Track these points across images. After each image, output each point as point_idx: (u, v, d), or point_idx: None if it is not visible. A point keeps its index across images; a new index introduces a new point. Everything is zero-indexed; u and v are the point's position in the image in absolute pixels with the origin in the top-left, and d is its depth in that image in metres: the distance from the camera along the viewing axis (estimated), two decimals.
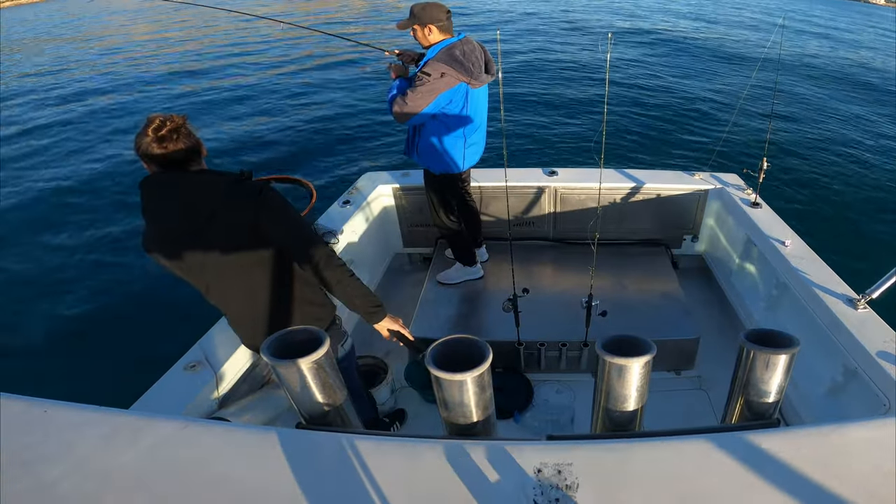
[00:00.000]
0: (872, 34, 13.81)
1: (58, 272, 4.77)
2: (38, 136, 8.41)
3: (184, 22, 20.28)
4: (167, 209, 1.43)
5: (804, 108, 8.26)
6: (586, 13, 16.86)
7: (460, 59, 2.24)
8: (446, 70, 2.21)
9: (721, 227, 3.10)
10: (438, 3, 2.28)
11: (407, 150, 2.64)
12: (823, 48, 11.54)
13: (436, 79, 2.21)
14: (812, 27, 13.57)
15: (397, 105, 2.27)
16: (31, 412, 0.94)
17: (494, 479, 0.80)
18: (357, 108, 8.96)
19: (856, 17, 16.97)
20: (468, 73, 2.26)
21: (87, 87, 11.36)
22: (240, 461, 0.85)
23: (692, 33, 13.43)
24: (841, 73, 9.94)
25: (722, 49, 11.94)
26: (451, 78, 2.23)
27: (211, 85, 10.83)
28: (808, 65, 10.38)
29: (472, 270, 2.94)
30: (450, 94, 2.27)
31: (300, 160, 6.92)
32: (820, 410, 2.06)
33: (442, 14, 2.27)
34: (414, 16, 2.28)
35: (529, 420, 2.34)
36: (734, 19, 15.41)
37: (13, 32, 22.35)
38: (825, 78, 9.65)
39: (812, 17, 15.91)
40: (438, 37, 2.30)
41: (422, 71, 2.24)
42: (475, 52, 2.32)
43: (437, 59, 2.24)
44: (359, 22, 18.78)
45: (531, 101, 8.88)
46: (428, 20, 2.25)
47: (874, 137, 7.32)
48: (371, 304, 1.67)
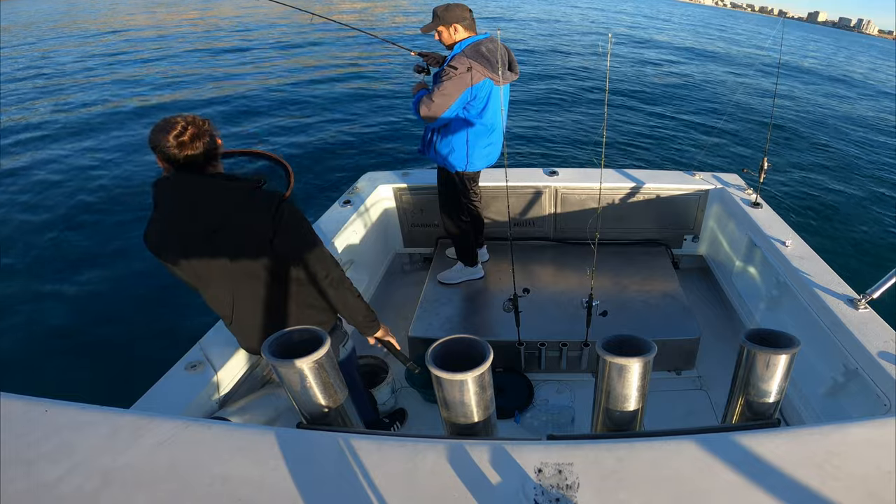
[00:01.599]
0: (869, 60, 13.83)
1: (58, 271, 4.77)
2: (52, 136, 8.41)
3: (182, 18, 20.28)
4: (180, 212, 1.42)
5: (804, 109, 8.26)
6: (587, 13, 16.86)
7: (487, 55, 2.26)
8: (473, 65, 2.22)
9: (721, 227, 3.10)
10: (460, 2, 2.30)
11: (423, 149, 2.63)
12: (823, 52, 11.55)
13: (462, 73, 2.22)
14: (808, 47, 13.58)
15: (424, 106, 2.27)
16: (31, 412, 0.94)
17: (495, 479, 0.80)
18: (350, 109, 8.96)
19: (853, 46, 16.96)
20: (493, 69, 2.26)
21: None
22: (240, 461, 0.85)
23: (693, 35, 13.43)
24: (841, 73, 9.94)
25: (722, 50, 11.95)
26: (477, 73, 2.24)
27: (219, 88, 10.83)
28: (808, 65, 10.37)
29: (473, 271, 2.94)
30: (475, 89, 2.27)
31: (292, 164, 6.92)
32: (820, 410, 2.06)
33: (466, 12, 2.30)
34: (438, 17, 2.30)
35: (530, 420, 2.34)
36: (733, 32, 15.42)
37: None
38: (825, 77, 9.64)
39: (808, 44, 15.91)
40: (463, 34, 2.32)
41: (449, 65, 2.25)
42: (500, 49, 2.33)
43: (464, 53, 2.25)
44: (379, 19, 18.77)
45: (531, 101, 8.88)
46: (452, 20, 2.28)
47: (874, 138, 7.31)
48: (369, 320, 1.74)
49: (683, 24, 16.11)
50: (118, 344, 3.74)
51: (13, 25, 22.09)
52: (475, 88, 2.27)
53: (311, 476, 0.82)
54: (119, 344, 3.74)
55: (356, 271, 2.90)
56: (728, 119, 7.68)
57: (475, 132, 2.44)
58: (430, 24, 2.34)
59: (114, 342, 3.78)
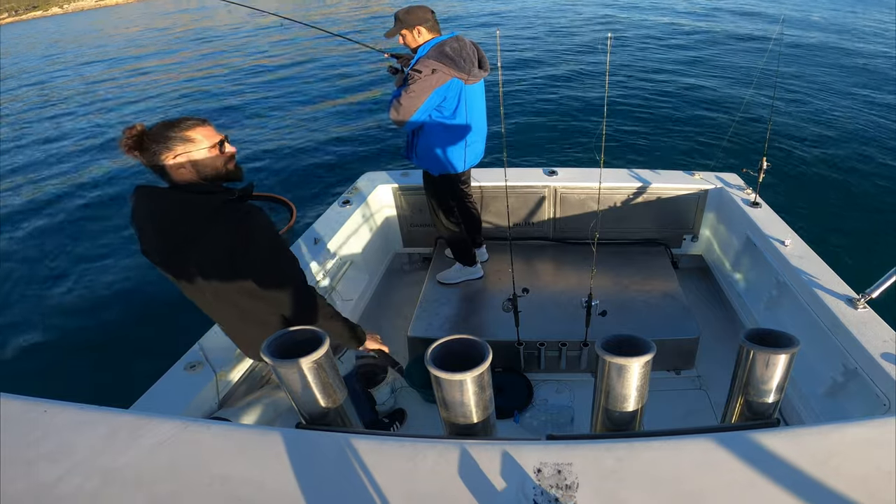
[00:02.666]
0: (876, 24, 13.76)
1: (58, 271, 4.77)
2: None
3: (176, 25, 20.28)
4: (148, 226, 1.37)
5: (805, 108, 8.26)
6: (586, 13, 16.86)
7: (451, 54, 2.24)
8: (437, 66, 2.21)
9: (721, 227, 3.10)
10: (422, 4, 2.29)
11: (406, 153, 2.64)
12: (825, 47, 11.56)
13: (427, 75, 2.20)
14: (813, 25, 13.57)
15: (393, 110, 2.28)
16: (31, 412, 0.94)
17: (494, 479, 0.80)
18: (351, 109, 8.96)
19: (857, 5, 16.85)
20: (459, 68, 2.25)
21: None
22: (240, 461, 0.85)
23: (692, 32, 13.44)
24: (841, 72, 9.95)
25: (723, 49, 11.95)
26: (442, 74, 2.22)
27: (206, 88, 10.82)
28: (808, 64, 10.38)
29: (472, 270, 2.94)
30: (443, 90, 2.26)
31: (292, 164, 6.91)
32: (820, 410, 2.06)
33: (428, 14, 2.28)
34: (400, 21, 2.28)
35: (529, 420, 2.34)
36: (734, 16, 15.42)
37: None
38: (826, 78, 9.65)
39: (814, 9, 15.89)
40: (427, 36, 2.31)
41: (413, 69, 2.24)
42: (466, 47, 2.32)
43: (427, 56, 2.24)
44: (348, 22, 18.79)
45: (531, 101, 8.88)
46: (415, 22, 2.27)
47: (874, 137, 7.32)
48: (349, 337, 1.65)
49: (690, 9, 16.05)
50: (118, 344, 3.74)
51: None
52: (443, 90, 2.26)
53: (311, 476, 0.82)
54: (119, 344, 3.74)
55: (355, 271, 2.90)
56: (727, 118, 7.67)
57: (453, 135, 2.43)
58: (393, 29, 2.32)
59: (114, 342, 3.78)
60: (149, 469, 0.84)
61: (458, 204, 2.76)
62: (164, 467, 0.84)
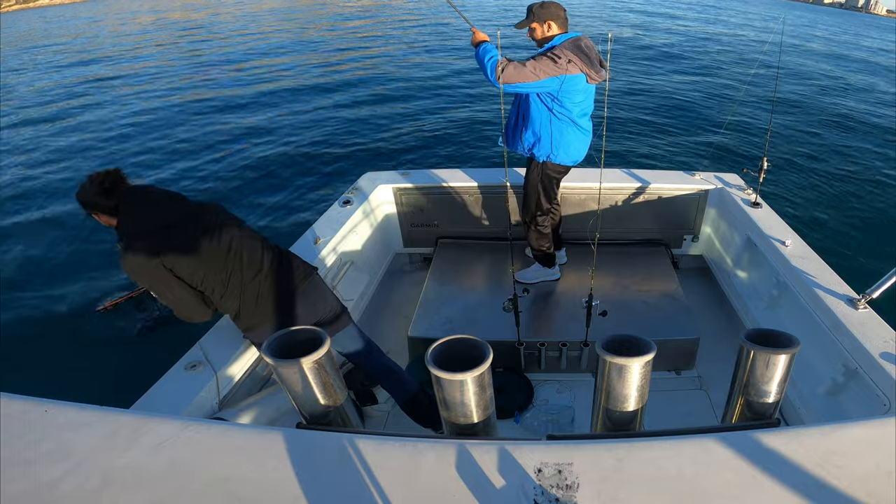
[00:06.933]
0: (875, 42, 13.79)
1: (58, 270, 4.77)
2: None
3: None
4: (162, 198, 1.75)
5: (805, 108, 8.27)
6: (586, 12, 16.86)
7: (585, 51, 2.30)
8: (573, 58, 2.27)
9: (721, 227, 3.10)
10: (556, 1, 2.36)
11: (507, 140, 2.61)
12: (825, 50, 11.55)
13: (563, 62, 2.25)
14: (814, 32, 13.57)
15: (513, 67, 2.24)
16: (31, 412, 0.94)
17: (495, 479, 0.80)
18: (351, 109, 8.96)
19: (859, 28, 16.91)
20: (591, 65, 2.31)
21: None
22: (240, 461, 0.85)
23: (693, 34, 13.44)
24: (842, 73, 9.95)
25: (722, 49, 11.95)
26: (575, 66, 2.28)
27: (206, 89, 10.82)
28: (808, 65, 10.38)
29: (551, 271, 2.89)
30: (569, 80, 2.30)
31: (292, 164, 6.91)
32: (820, 410, 2.06)
33: (561, 11, 2.35)
34: (533, 14, 2.35)
35: (529, 420, 2.34)
36: (735, 22, 15.43)
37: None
38: (826, 78, 9.66)
39: (815, 25, 15.90)
40: (556, 31, 2.36)
41: (552, 51, 2.28)
42: (594, 48, 2.38)
43: (564, 46, 2.29)
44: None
45: None
46: (548, 17, 2.33)
47: (875, 137, 7.32)
48: None
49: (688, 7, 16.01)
50: (118, 344, 3.74)
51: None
52: (569, 79, 2.29)
53: (311, 476, 0.82)
54: (119, 344, 3.74)
55: (356, 271, 2.90)
56: (728, 118, 7.68)
57: (562, 124, 2.45)
58: (525, 21, 2.38)
59: (114, 342, 3.78)
60: (149, 469, 0.84)
61: (549, 204, 2.71)
62: (164, 467, 0.84)
